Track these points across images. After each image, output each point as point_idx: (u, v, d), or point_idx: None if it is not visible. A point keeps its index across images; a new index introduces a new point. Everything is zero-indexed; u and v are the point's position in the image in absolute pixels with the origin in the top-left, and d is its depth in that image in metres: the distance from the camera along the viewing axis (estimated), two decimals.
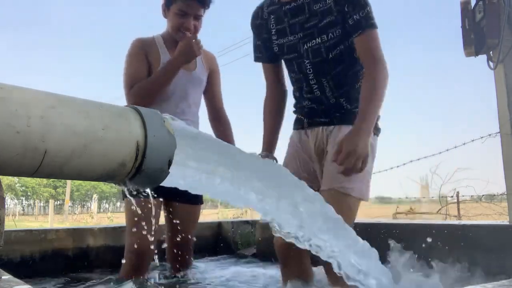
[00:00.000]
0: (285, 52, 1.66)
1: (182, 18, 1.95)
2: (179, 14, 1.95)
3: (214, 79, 2.19)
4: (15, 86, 0.75)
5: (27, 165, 0.73)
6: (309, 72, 1.62)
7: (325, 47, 1.57)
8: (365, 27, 1.52)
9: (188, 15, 1.95)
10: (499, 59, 1.79)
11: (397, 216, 5.69)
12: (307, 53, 1.60)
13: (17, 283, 0.77)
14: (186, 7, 1.95)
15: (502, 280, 0.83)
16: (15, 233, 2.15)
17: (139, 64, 1.97)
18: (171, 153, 0.85)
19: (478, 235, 1.67)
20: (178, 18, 1.96)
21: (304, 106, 1.69)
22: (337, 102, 1.62)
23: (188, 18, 1.95)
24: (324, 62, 1.59)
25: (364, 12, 1.52)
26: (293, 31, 1.61)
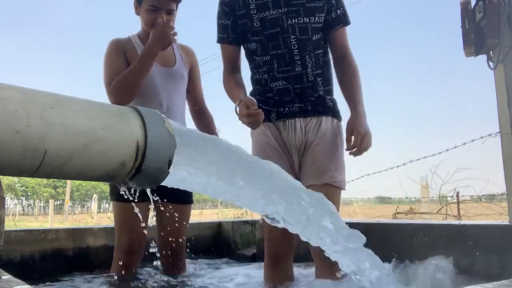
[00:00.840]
0: (267, 26, 1.64)
1: (154, 14, 1.91)
2: (150, 9, 1.91)
3: (195, 73, 2.17)
4: (15, 86, 0.75)
5: (27, 165, 0.73)
6: (294, 48, 1.64)
7: (311, 28, 1.65)
8: (345, 23, 1.70)
9: (160, 9, 1.91)
10: (499, 59, 1.79)
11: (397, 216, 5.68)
12: (293, 29, 1.64)
13: (17, 283, 0.77)
14: (157, 2, 1.91)
15: (502, 280, 0.83)
16: (15, 233, 2.14)
17: (117, 62, 1.94)
18: (171, 153, 0.85)
19: (478, 235, 1.67)
20: (150, 13, 1.92)
21: (273, 94, 1.68)
22: (314, 82, 1.69)
23: (160, 13, 1.91)
24: (309, 41, 1.66)
25: (344, 8, 1.69)
26: (276, 4, 1.62)
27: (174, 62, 2.06)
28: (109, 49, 1.99)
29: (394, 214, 5.80)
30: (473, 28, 1.87)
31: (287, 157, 1.67)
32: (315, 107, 1.68)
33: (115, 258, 1.93)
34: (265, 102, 1.69)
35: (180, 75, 2.06)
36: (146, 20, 1.94)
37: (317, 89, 1.69)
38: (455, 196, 5.61)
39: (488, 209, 5.27)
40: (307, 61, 1.66)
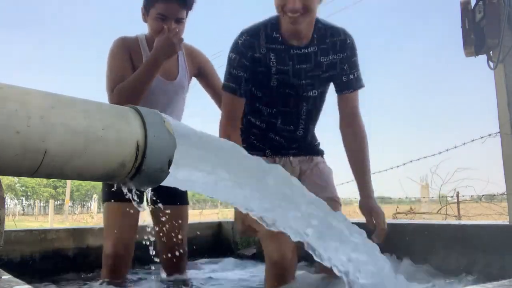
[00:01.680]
0: (283, 89, 1.63)
1: (163, 22, 1.83)
2: (158, 18, 1.83)
3: (208, 70, 2.12)
4: (15, 86, 0.75)
5: (27, 165, 0.73)
6: (303, 115, 1.69)
7: (319, 96, 1.70)
8: (356, 87, 1.68)
9: (168, 18, 1.83)
10: (499, 59, 1.79)
11: (397, 216, 5.69)
12: (306, 100, 1.67)
13: (17, 283, 0.77)
14: (166, 10, 1.82)
15: (502, 280, 0.83)
16: (15, 233, 2.14)
17: (123, 65, 1.88)
18: (171, 153, 0.85)
19: (478, 235, 1.67)
20: (158, 22, 1.83)
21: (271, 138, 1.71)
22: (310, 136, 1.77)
23: (169, 21, 1.83)
24: (316, 108, 1.74)
25: (358, 72, 1.67)
26: (296, 75, 1.61)
27: (176, 74, 2.00)
28: (114, 49, 1.92)
29: (394, 214, 5.80)
30: (473, 28, 1.87)
31: None
32: (307, 151, 1.78)
33: (103, 264, 1.89)
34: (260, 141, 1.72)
35: (181, 88, 2.01)
36: (154, 28, 1.87)
37: (310, 140, 1.79)
38: (455, 196, 5.61)
39: (488, 209, 5.27)
40: (310, 127, 1.75)
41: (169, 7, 1.82)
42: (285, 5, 1.44)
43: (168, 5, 1.82)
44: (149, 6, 1.86)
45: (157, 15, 1.83)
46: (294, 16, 1.44)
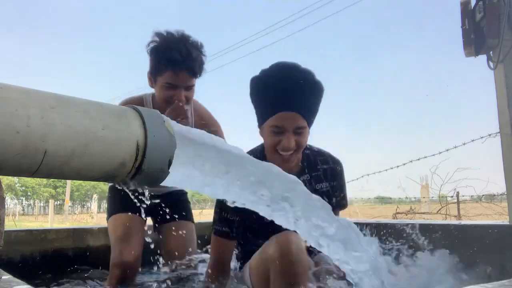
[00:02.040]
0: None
1: (172, 90, 1.75)
2: (168, 86, 1.75)
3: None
4: (15, 86, 0.75)
5: (27, 165, 0.73)
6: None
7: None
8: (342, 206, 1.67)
9: (178, 87, 1.75)
10: (499, 59, 1.79)
11: (397, 216, 5.69)
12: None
13: (17, 283, 0.77)
14: (175, 80, 1.74)
15: (502, 280, 0.83)
16: (15, 233, 2.14)
17: None
18: (171, 153, 0.85)
19: (478, 235, 1.67)
20: (167, 90, 1.76)
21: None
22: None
23: (178, 89, 1.76)
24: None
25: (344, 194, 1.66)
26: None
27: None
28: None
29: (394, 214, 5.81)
30: (473, 28, 1.87)
31: None
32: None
33: (110, 274, 1.85)
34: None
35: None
36: (162, 97, 1.78)
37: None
38: (455, 196, 5.62)
39: (488, 209, 5.28)
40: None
41: (178, 77, 1.75)
42: (279, 144, 1.41)
43: (177, 73, 1.74)
44: (156, 74, 1.78)
45: (165, 84, 1.75)
46: (287, 154, 1.42)
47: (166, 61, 1.72)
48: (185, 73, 1.74)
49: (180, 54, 1.71)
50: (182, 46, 1.73)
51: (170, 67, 1.72)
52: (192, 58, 1.74)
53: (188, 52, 1.73)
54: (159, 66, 1.75)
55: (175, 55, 1.71)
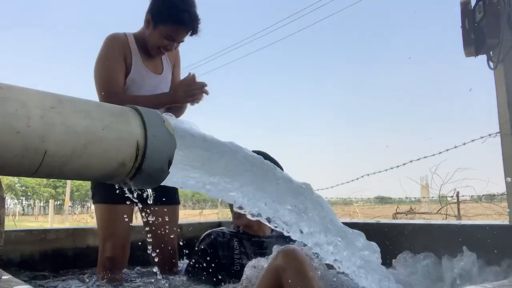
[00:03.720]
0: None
1: (168, 41, 1.91)
2: (166, 37, 1.90)
3: (176, 71, 2.17)
4: (15, 86, 0.75)
5: (27, 165, 0.73)
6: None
7: None
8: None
9: (175, 40, 1.92)
10: (499, 59, 1.79)
11: (397, 216, 5.69)
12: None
13: (17, 283, 0.77)
14: (176, 35, 1.90)
15: (502, 280, 0.83)
16: (15, 233, 2.14)
17: (116, 67, 1.89)
18: (171, 153, 0.85)
19: (478, 235, 1.67)
20: (165, 39, 1.90)
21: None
22: None
23: (173, 41, 1.92)
24: None
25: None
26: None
27: (162, 68, 2.06)
28: (109, 48, 1.92)
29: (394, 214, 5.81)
30: (473, 28, 1.87)
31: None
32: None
33: (99, 263, 1.90)
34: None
35: (167, 82, 2.07)
36: (156, 42, 1.92)
37: None
38: (455, 196, 5.62)
39: (488, 209, 5.28)
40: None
41: (180, 32, 1.90)
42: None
43: (180, 30, 1.90)
44: (159, 21, 1.89)
45: (165, 34, 1.89)
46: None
47: (175, 18, 1.86)
48: (185, 31, 1.91)
49: (190, 15, 1.88)
50: (192, 8, 1.90)
51: (177, 23, 1.87)
52: (197, 19, 1.91)
53: (195, 14, 1.90)
54: (165, 18, 1.88)
55: (185, 15, 1.86)
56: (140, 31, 2.00)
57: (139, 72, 1.94)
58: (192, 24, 1.90)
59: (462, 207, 5.58)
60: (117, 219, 1.88)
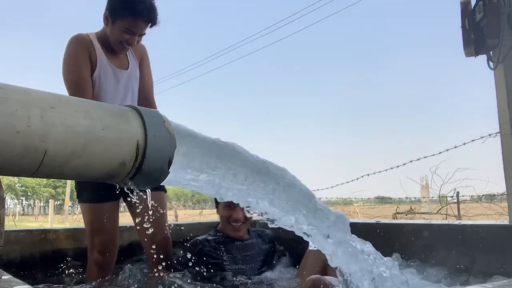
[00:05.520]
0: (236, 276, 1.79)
1: (128, 35, 1.90)
2: (126, 31, 1.89)
3: (144, 67, 2.16)
4: (15, 86, 0.75)
5: (27, 165, 0.73)
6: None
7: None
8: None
9: (134, 33, 1.91)
10: (499, 59, 1.79)
11: (397, 216, 5.69)
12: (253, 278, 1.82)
13: (17, 283, 0.77)
14: (135, 27, 1.89)
15: (503, 280, 0.83)
16: (15, 233, 2.14)
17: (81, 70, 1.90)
18: (171, 153, 0.85)
19: (478, 235, 1.67)
20: (124, 34, 1.89)
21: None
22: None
23: (134, 35, 1.91)
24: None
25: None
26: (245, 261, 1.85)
27: (127, 64, 2.06)
28: (74, 48, 1.93)
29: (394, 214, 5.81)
30: (473, 28, 1.87)
31: None
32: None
33: (90, 260, 1.93)
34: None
35: (133, 76, 2.07)
36: (117, 38, 1.91)
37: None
38: (455, 196, 5.61)
39: (488, 209, 5.28)
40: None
41: (138, 24, 1.90)
42: (231, 216, 1.82)
43: (138, 22, 1.89)
44: (116, 16, 1.89)
45: (124, 28, 1.89)
46: (237, 224, 1.83)
47: (131, 10, 1.86)
48: (144, 23, 1.90)
49: (145, 5, 1.87)
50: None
51: (134, 16, 1.87)
52: (154, 9, 1.91)
53: (151, 4, 1.90)
54: (121, 12, 1.88)
55: (141, 6, 1.86)
56: (101, 30, 2.00)
57: (104, 69, 1.95)
58: (149, 15, 1.89)
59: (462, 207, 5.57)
60: (103, 216, 1.91)
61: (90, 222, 1.94)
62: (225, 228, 1.89)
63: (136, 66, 2.11)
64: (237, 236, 1.86)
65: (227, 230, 1.87)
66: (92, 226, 1.93)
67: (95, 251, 1.91)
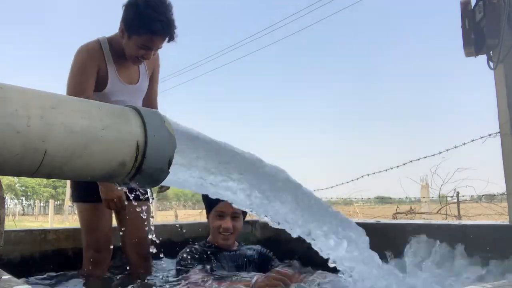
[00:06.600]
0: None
1: (144, 50, 1.85)
2: (142, 47, 1.84)
3: (154, 75, 2.16)
4: (15, 86, 0.75)
5: (27, 165, 0.73)
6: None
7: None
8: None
9: (151, 49, 1.86)
10: (499, 59, 1.79)
11: (397, 216, 5.69)
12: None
13: (17, 283, 0.77)
14: (152, 44, 1.84)
15: (502, 280, 0.83)
16: (15, 233, 2.14)
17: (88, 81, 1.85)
18: (171, 153, 0.85)
19: (478, 235, 1.67)
20: (140, 49, 1.85)
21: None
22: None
23: (150, 50, 1.86)
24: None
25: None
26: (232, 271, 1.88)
27: (137, 79, 2.03)
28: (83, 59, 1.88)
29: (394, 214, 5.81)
30: (473, 28, 1.87)
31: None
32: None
33: (85, 258, 1.95)
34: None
35: (142, 91, 2.07)
36: (133, 52, 1.87)
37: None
38: (455, 196, 5.61)
39: (488, 209, 5.28)
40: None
41: (155, 41, 1.84)
42: (220, 226, 1.90)
43: (155, 39, 1.83)
44: (132, 32, 1.83)
45: (141, 45, 1.83)
46: (226, 234, 1.90)
47: (148, 28, 1.79)
48: (162, 38, 1.85)
49: (162, 24, 1.80)
50: (165, 15, 1.81)
51: (151, 33, 1.81)
52: (172, 25, 1.84)
53: (169, 20, 1.82)
54: (138, 29, 1.81)
55: (158, 24, 1.79)
56: (115, 37, 1.94)
57: (114, 85, 1.93)
58: (167, 32, 1.83)
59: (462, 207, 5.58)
60: (97, 216, 1.93)
61: (85, 220, 1.96)
62: (215, 238, 1.95)
63: (146, 79, 2.08)
64: (226, 246, 1.92)
65: (217, 239, 1.93)
66: (87, 225, 1.96)
67: (90, 250, 1.94)
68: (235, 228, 1.93)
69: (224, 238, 1.92)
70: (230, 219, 1.90)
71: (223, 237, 1.92)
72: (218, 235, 1.93)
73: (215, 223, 1.94)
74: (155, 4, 1.79)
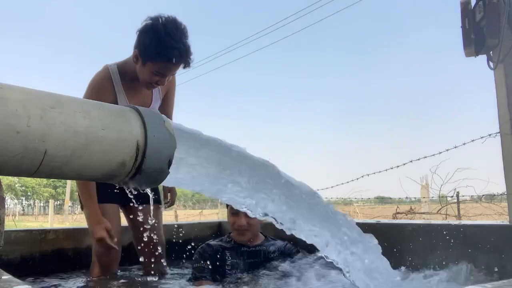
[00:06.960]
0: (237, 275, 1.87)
1: (158, 77, 1.82)
2: (156, 73, 1.80)
3: (169, 96, 2.13)
4: (15, 86, 0.75)
5: (27, 165, 0.73)
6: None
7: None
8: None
9: (165, 76, 1.83)
10: (499, 59, 1.79)
11: (397, 216, 5.69)
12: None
13: (17, 283, 0.77)
14: (167, 70, 1.80)
15: (502, 280, 0.83)
16: (15, 233, 2.14)
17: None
18: (171, 153, 0.85)
19: (478, 235, 1.67)
20: (155, 76, 1.81)
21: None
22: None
23: (164, 77, 1.83)
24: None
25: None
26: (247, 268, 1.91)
27: (150, 102, 2.00)
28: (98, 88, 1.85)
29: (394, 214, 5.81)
30: (473, 28, 1.87)
31: None
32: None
33: (94, 261, 1.95)
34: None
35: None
36: (147, 79, 1.83)
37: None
38: (455, 196, 5.61)
39: (488, 209, 5.28)
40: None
41: (170, 69, 1.80)
42: (235, 222, 1.92)
43: (170, 66, 1.79)
44: (147, 59, 1.79)
45: (156, 72, 1.80)
46: (241, 230, 1.92)
47: (164, 56, 1.75)
48: (178, 67, 1.82)
49: (180, 52, 1.75)
50: (182, 42, 1.76)
51: (167, 61, 1.77)
52: (188, 53, 1.80)
53: (186, 47, 1.78)
54: (154, 56, 1.77)
55: (175, 52, 1.74)
56: (127, 61, 1.91)
57: None
58: (183, 60, 1.79)
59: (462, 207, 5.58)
60: (106, 217, 1.92)
61: (91, 223, 1.93)
62: (233, 233, 2.01)
63: (159, 100, 2.05)
64: (243, 241, 1.95)
65: (234, 235, 1.99)
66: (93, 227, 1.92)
67: (102, 252, 1.92)
68: (250, 224, 1.94)
69: (240, 234, 1.95)
70: (244, 216, 1.91)
71: (238, 233, 1.96)
72: (234, 231, 1.98)
73: (230, 220, 1.98)
74: (172, 31, 1.74)
